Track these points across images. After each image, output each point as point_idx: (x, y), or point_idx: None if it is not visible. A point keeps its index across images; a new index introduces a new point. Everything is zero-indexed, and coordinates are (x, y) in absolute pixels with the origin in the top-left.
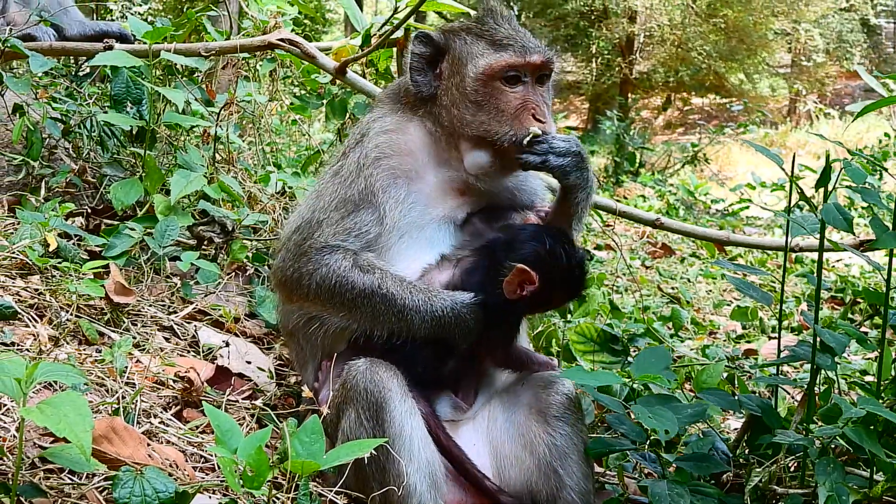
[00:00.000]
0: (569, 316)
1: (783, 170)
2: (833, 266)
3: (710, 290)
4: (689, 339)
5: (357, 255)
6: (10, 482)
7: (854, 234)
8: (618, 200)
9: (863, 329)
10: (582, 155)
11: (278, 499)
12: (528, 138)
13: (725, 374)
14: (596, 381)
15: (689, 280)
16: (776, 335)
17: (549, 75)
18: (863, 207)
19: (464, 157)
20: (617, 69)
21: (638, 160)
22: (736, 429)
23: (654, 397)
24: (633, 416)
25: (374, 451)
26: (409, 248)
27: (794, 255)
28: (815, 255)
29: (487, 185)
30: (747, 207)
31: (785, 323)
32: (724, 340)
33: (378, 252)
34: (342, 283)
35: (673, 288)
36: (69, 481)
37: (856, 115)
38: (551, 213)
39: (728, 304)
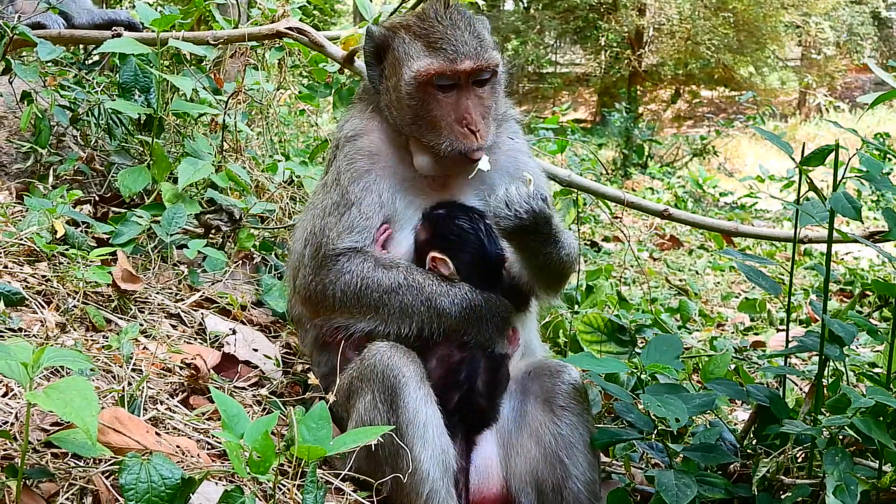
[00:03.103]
0: (576, 307)
1: (792, 159)
2: (842, 259)
3: (719, 283)
4: (697, 330)
5: (377, 256)
6: (17, 465)
7: (862, 221)
8: (626, 192)
9: (871, 321)
10: (534, 211)
11: (284, 485)
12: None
13: (734, 366)
14: (602, 367)
15: (697, 272)
16: (784, 327)
17: (491, 77)
18: (872, 201)
19: (413, 156)
20: (626, 62)
21: (646, 153)
22: (743, 420)
23: (662, 386)
24: (641, 406)
25: (387, 436)
26: (404, 242)
27: (802, 249)
28: (824, 248)
29: (447, 182)
30: (756, 203)
31: (793, 315)
32: (732, 332)
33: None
34: (368, 284)
35: (681, 280)
36: (75, 466)
37: (869, 105)
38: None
39: (736, 297)
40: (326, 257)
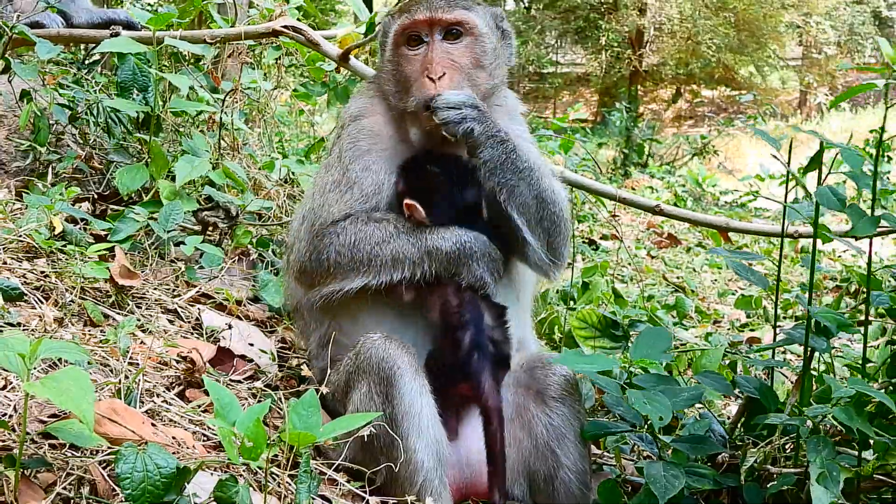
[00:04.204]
0: (572, 303)
1: (780, 155)
2: (839, 257)
3: (716, 280)
4: (693, 327)
5: (368, 214)
6: (16, 456)
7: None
8: (624, 190)
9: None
10: (477, 108)
11: (277, 475)
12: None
13: (727, 362)
14: (591, 365)
15: (694, 269)
16: (781, 323)
17: (461, 31)
18: (870, 199)
19: (408, 131)
20: (626, 61)
21: (647, 152)
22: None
23: (651, 378)
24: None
25: (383, 426)
26: None
27: (800, 247)
28: (821, 245)
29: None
30: (755, 199)
31: (789, 312)
32: (728, 329)
33: None
34: (360, 238)
35: (678, 277)
36: (73, 456)
37: (831, 103)
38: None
39: (733, 294)
40: (324, 226)
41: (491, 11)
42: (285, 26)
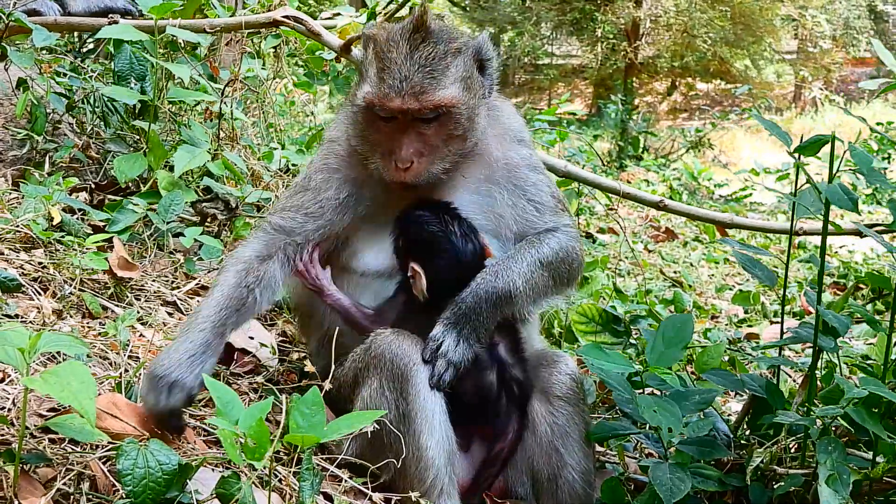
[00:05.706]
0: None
1: (789, 152)
2: (836, 252)
3: (713, 275)
4: None
5: (263, 252)
6: (15, 451)
7: (859, 213)
8: (621, 184)
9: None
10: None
11: (279, 472)
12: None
13: (727, 358)
14: (610, 363)
15: (691, 264)
16: (778, 319)
17: (439, 116)
18: (867, 195)
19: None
20: (622, 54)
21: (642, 145)
22: (736, 412)
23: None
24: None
25: (393, 423)
26: (371, 248)
27: (797, 242)
28: (818, 240)
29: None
30: (750, 195)
31: (787, 308)
32: (726, 324)
33: (348, 251)
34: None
35: (675, 272)
36: (73, 451)
37: (877, 93)
38: None
39: (730, 289)
40: (261, 224)
41: (473, 47)
42: (286, 16)
